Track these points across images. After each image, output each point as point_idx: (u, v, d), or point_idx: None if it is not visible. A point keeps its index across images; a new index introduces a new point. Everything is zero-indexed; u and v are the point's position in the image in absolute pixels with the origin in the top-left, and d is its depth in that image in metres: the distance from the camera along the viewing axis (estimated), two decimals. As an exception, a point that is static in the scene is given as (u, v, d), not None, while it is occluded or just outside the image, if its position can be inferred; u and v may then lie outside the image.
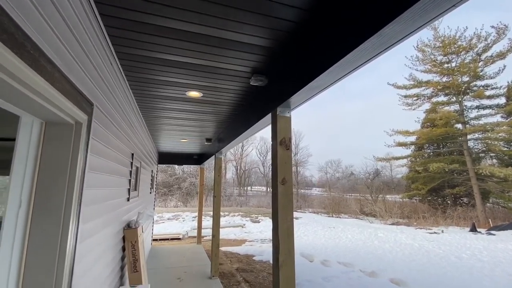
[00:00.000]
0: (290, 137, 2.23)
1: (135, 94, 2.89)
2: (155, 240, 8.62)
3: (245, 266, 6.25)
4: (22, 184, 1.22)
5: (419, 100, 22.34)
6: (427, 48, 20.91)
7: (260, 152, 40.04)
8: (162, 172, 27.04)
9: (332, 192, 30.65)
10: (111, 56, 1.91)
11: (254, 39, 1.79)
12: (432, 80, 21.07)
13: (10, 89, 0.88)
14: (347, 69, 1.57)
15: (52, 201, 1.26)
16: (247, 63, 2.13)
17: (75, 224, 1.34)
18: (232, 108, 3.36)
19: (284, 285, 2.00)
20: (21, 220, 1.20)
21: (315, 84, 1.77)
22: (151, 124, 4.37)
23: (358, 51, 1.34)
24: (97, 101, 1.65)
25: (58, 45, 1.09)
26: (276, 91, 2.28)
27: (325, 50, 1.60)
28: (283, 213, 2.09)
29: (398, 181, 29.69)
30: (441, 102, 21.28)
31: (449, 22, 29.08)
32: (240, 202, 28.17)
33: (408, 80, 22.03)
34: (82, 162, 1.40)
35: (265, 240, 9.99)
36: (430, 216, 17.54)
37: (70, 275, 1.31)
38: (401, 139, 22.75)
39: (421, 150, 22.92)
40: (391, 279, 5.62)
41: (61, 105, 1.16)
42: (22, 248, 1.18)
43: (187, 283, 4.59)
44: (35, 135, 1.27)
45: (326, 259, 7.12)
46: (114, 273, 2.50)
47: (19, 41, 0.80)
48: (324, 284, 5.16)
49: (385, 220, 17.90)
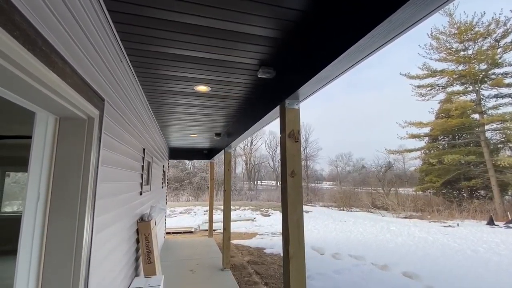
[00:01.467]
0: (299, 130, 2.22)
1: (144, 89, 2.93)
2: (168, 233, 8.83)
3: (256, 259, 6.32)
4: (40, 177, 1.27)
5: (433, 90, 21.62)
6: (442, 36, 20.11)
7: (269, 146, 39.99)
8: (173, 167, 27.51)
9: (342, 185, 30.38)
10: (120, 52, 1.94)
11: (261, 30, 1.77)
12: (447, 69, 20.30)
13: (25, 85, 0.91)
14: (356, 58, 1.53)
15: (68, 194, 1.31)
16: (255, 55, 2.11)
17: (90, 216, 1.39)
18: (240, 101, 3.36)
19: (295, 276, 2.02)
20: (40, 212, 1.26)
21: (324, 74, 1.74)
22: (161, 120, 4.43)
23: (367, 39, 1.31)
24: (108, 96, 1.69)
25: (68, 41, 1.11)
26: (284, 83, 2.26)
27: (333, 39, 1.57)
28: (292, 205, 2.09)
29: (411, 174, 29.07)
30: (456, 92, 20.52)
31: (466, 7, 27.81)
32: (250, 196, 28.37)
33: (421, 70, 21.32)
34: (95, 156, 1.44)
35: (276, 233, 10.05)
36: (444, 209, 17.13)
37: (87, 264, 1.36)
38: (414, 130, 22.16)
39: (435, 141, 22.28)
40: (403, 272, 5.56)
41: (73, 101, 1.19)
42: (42, 238, 1.24)
43: (199, 274, 4.69)
44: (50, 131, 1.31)
45: (337, 252, 7.11)
46: (129, 264, 2.58)
47: (31, 37, 0.82)
48: (335, 277, 5.17)
49: (398, 214, 17.62)
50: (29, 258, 1.22)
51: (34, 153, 1.28)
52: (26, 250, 1.21)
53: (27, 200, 1.25)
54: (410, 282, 5.04)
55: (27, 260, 1.21)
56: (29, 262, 1.21)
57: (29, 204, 1.25)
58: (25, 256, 1.21)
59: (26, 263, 1.20)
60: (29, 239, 1.22)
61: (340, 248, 7.59)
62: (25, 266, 1.20)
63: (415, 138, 22.27)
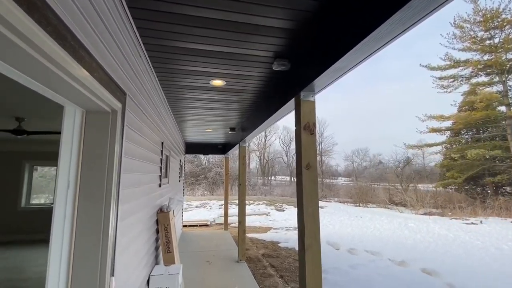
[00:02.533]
0: (314, 122, 2.21)
1: (162, 85, 3.01)
2: (185, 226, 9.08)
3: (271, 252, 6.38)
4: (69, 167, 1.36)
5: (456, 81, 20.59)
6: (466, 24, 19.04)
7: (283, 141, 39.78)
8: (189, 162, 28.05)
9: (359, 181, 29.80)
10: (139, 47, 2.00)
11: (276, 21, 1.77)
12: (472, 59, 19.23)
13: (57, 78, 0.97)
14: (373, 47, 1.50)
15: (95, 183, 1.39)
16: (270, 47, 2.12)
17: (115, 204, 1.47)
18: (255, 95, 3.38)
19: (311, 267, 2.03)
20: (70, 200, 1.34)
21: (340, 65, 1.72)
22: (178, 115, 4.53)
23: (385, 26, 1.28)
24: (129, 91, 1.76)
25: (93, 36, 1.17)
26: (299, 75, 2.25)
27: (350, 28, 1.54)
28: (308, 197, 2.10)
29: (431, 170, 28.02)
30: (481, 83, 19.44)
31: (493, -7, 26.06)
32: (264, 191, 28.48)
33: (443, 60, 20.34)
34: (118, 147, 1.51)
35: (290, 228, 10.08)
36: (467, 206, 16.42)
37: (113, 249, 1.44)
38: (435, 124, 21.26)
39: (457, 135, 21.30)
40: (422, 268, 5.43)
41: (99, 94, 1.25)
42: (72, 223, 1.32)
43: (215, 265, 4.81)
44: (78, 123, 1.39)
45: (352, 247, 7.04)
46: (150, 252, 2.70)
47: (62, 33, 0.88)
48: (350, 272, 5.14)
49: (416, 210, 17.09)
50: (61, 242, 1.31)
51: (63, 144, 1.37)
52: (58, 235, 1.31)
53: (58, 188, 1.34)
54: (429, 279, 4.93)
55: (59, 245, 1.30)
56: (60, 246, 1.30)
57: (60, 192, 1.34)
58: (57, 240, 1.30)
59: (58, 247, 1.30)
60: (60, 224, 1.31)
61: (355, 244, 7.51)
62: (57, 250, 1.29)
63: (435, 132, 21.39)
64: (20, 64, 0.85)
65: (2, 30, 0.66)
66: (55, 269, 1.27)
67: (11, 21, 0.66)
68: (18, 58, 0.81)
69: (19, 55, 0.80)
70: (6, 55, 0.78)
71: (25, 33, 0.71)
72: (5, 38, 0.69)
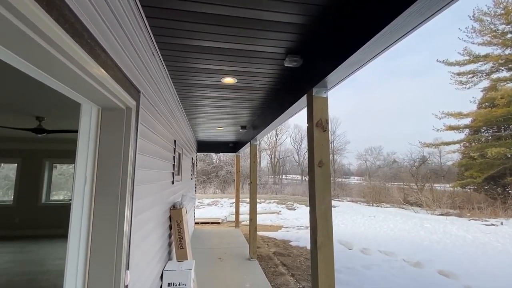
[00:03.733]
0: (327, 119, 2.17)
1: (174, 83, 3.04)
2: (197, 223, 9.20)
3: (282, 251, 6.37)
4: (86, 163, 1.40)
5: (475, 77, 19.78)
6: (486, 17, 18.21)
7: (294, 140, 39.54)
8: (200, 161, 28.39)
9: (372, 180, 29.22)
10: (152, 46, 2.03)
11: (288, 16, 1.75)
12: (492, 54, 18.40)
13: (74, 75, 0.99)
14: (390, 39, 1.45)
15: (111, 178, 1.42)
16: (281, 43, 2.09)
17: (130, 199, 1.50)
18: (266, 93, 3.36)
19: (323, 266, 2.01)
20: (87, 195, 1.38)
21: (355, 59, 1.67)
22: (190, 113, 4.58)
23: (403, 17, 1.23)
24: (143, 89, 1.78)
25: (108, 35, 1.19)
26: (311, 71, 2.22)
27: (365, 20, 1.50)
28: (320, 195, 2.07)
29: (448, 169, 27.08)
30: (503, 79, 18.56)
31: (515, -17, 24.78)
32: (275, 190, 28.44)
33: (462, 55, 19.57)
34: (133, 144, 1.54)
35: (302, 227, 10.01)
36: (487, 206, 15.78)
37: (128, 243, 1.47)
38: (453, 122, 20.54)
39: (477, 133, 20.47)
40: (439, 270, 5.27)
41: (114, 91, 1.27)
42: (89, 217, 1.36)
43: (227, 262, 4.85)
44: (94, 120, 1.42)
45: (365, 247, 6.91)
46: (163, 247, 2.74)
47: (79, 30, 0.90)
48: (364, 272, 5.05)
49: (433, 210, 16.58)
50: (78, 236, 1.35)
51: (80, 141, 1.40)
52: (76, 230, 1.34)
53: (75, 184, 1.38)
54: (446, 281, 4.77)
55: (76, 239, 1.34)
56: (78, 241, 1.34)
57: (77, 188, 1.37)
58: (75, 235, 1.34)
59: (76, 241, 1.33)
60: (78, 218, 1.35)
61: (369, 244, 7.37)
62: (75, 244, 1.33)
63: (453, 130, 20.64)
64: (39, 61, 0.87)
65: (22, 28, 0.68)
66: (73, 262, 1.31)
67: (31, 19, 0.68)
68: (38, 55, 0.83)
69: (39, 53, 0.81)
70: (27, 52, 0.81)
71: (44, 30, 0.73)
72: (25, 36, 0.71)
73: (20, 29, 0.68)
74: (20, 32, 0.69)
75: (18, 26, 0.67)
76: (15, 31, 0.69)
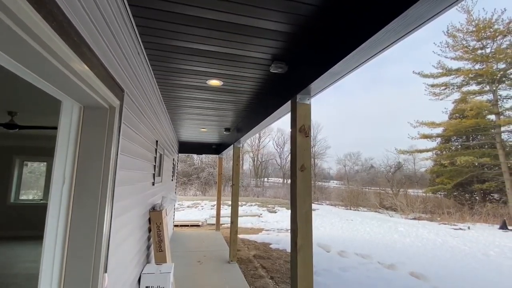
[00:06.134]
0: (309, 125, 2.24)
1: (159, 83, 3.00)
2: (176, 226, 9.01)
3: (262, 253, 6.40)
4: (65, 163, 1.36)
5: (447, 89, 21.05)
6: (459, 33, 19.51)
7: (277, 143, 39.94)
8: (181, 162, 27.85)
9: (350, 185, 30.10)
10: (138, 45, 2.01)
11: (275, 24, 1.80)
12: (463, 68, 19.71)
13: (57, 72, 0.97)
14: (369, 53, 1.55)
15: (91, 179, 1.38)
16: (268, 49, 2.15)
17: (110, 201, 1.47)
18: (251, 96, 3.40)
19: (302, 268, 2.06)
20: (65, 196, 1.34)
21: (336, 70, 1.76)
22: (173, 113, 4.52)
23: (381, 34, 1.32)
24: (127, 88, 1.76)
25: (94, 33, 1.17)
26: (296, 78, 2.29)
27: (346, 35, 1.59)
28: (301, 198, 2.13)
29: (421, 175, 28.53)
30: (472, 92, 19.92)
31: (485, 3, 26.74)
32: (256, 193, 28.49)
33: (436, 68, 20.79)
34: (115, 144, 1.51)
35: (282, 229, 10.11)
36: (455, 211, 16.77)
37: (107, 245, 1.44)
38: (426, 131, 21.67)
39: (448, 142, 21.75)
40: (411, 272, 5.53)
41: (97, 89, 1.25)
42: (67, 219, 1.32)
43: (207, 266, 4.80)
44: (75, 119, 1.39)
45: (343, 250, 7.11)
46: (142, 250, 2.68)
47: (62, 23, 0.88)
48: (341, 274, 5.19)
49: (406, 215, 17.37)
50: (55, 238, 1.30)
51: (60, 140, 1.36)
52: (52, 231, 1.30)
53: (53, 183, 1.33)
54: (417, 282, 5.01)
55: (52, 240, 1.29)
56: (54, 242, 1.29)
57: (55, 188, 1.33)
58: (51, 236, 1.29)
59: (52, 243, 1.29)
60: (54, 219, 1.31)
61: (346, 246, 7.58)
62: (51, 246, 1.28)
63: (426, 138, 21.80)
64: (20, 55, 0.84)
65: (3, 18, 0.65)
66: (49, 265, 1.26)
67: (8, 5, 0.64)
68: (16, 47, 0.79)
69: (17, 45, 0.77)
70: (7, 46, 0.77)
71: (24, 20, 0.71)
72: (6, 27, 0.67)
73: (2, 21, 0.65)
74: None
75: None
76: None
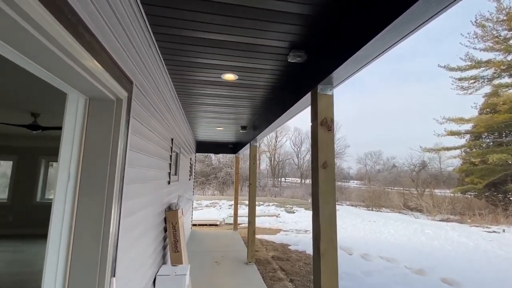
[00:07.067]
0: (332, 117, 2.05)
1: (172, 78, 2.93)
2: (195, 225, 9.04)
3: (281, 255, 6.22)
4: (70, 159, 1.27)
5: (477, 83, 19.70)
6: (488, 23, 18.18)
7: (294, 143, 39.39)
8: (199, 162, 28.25)
9: (372, 184, 29.07)
10: (149, 37, 1.91)
11: (292, 5, 1.63)
12: (494, 59, 18.35)
13: (60, 62, 0.88)
14: (404, 31, 1.34)
15: (97, 176, 1.29)
16: (285, 36, 1.98)
17: (118, 200, 1.37)
18: (267, 91, 3.24)
19: (327, 276, 1.87)
20: (69, 194, 1.26)
21: (363, 53, 1.56)
22: (189, 111, 4.46)
23: (420, 4, 1.12)
24: (137, 80, 1.67)
25: (99, 20, 1.07)
26: (316, 67, 2.11)
27: (374, 10, 1.39)
28: (324, 199, 1.94)
29: (448, 174, 26.94)
30: (504, 84, 18.47)
31: (517, -10, 24.80)
32: (274, 193, 28.25)
33: (463, 61, 19.51)
34: (123, 139, 1.42)
35: (301, 230, 9.86)
36: (488, 213, 15.62)
37: (115, 247, 1.35)
38: (454, 127, 20.40)
39: (478, 139, 20.35)
40: (442, 278, 5.12)
41: (103, 80, 1.16)
42: (71, 218, 1.23)
43: (224, 267, 4.70)
44: (80, 111, 1.30)
45: (366, 253, 6.77)
46: (157, 251, 2.61)
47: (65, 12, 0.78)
48: (365, 278, 4.90)
49: (433, 216, 16.42)
50: (59, 239, 1.22)
51: (65, 134, 1.28)
52: (56, 231, 1.22)
53: (58, 181, 1.26)
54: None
55: (56, 242, 1.21)
56: (58, 244, 1.21)
57: (60, 186, 1.25)
58: (55, 237, 1.21)
59: (56, 244, 1.21)
60: (59, 219, 1.23)
61: (369, 249, 7.22)
62: (55, 248, 1.20)
63: (454, 135, 20.52)
64: (20, 44, 0.77)
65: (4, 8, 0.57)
66: (52, 268, 1.18)
67: None
68: (19, 38, 0.73)
69: (20, 36, 0.71)
70: (7, 35, 0.70)
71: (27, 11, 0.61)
72: (11, 20, 0.60)
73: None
74: None
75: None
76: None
